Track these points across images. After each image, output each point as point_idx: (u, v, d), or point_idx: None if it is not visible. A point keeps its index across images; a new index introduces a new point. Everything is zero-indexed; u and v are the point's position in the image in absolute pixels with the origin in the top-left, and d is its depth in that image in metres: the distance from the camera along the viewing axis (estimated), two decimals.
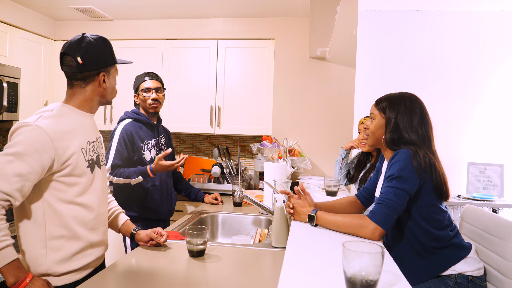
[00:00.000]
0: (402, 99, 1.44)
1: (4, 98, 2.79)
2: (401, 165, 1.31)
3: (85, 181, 1.29)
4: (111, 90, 1.40)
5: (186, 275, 1.32)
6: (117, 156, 2.05)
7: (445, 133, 2.91)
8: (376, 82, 2.96)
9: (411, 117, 1.40)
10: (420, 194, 1.34)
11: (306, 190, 1.56)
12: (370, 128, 1.49)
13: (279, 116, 3.28)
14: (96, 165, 1.36)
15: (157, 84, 2.21)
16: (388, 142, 1.42)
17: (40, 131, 1.16)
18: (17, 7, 3.09)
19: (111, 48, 1.37)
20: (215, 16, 3.29)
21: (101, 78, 1.33)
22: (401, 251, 1.41)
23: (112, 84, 1.39)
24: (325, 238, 1.27)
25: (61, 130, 1.22)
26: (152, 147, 2.20)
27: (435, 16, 2.93)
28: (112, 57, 1.37)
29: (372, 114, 1.49)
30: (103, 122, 3.37)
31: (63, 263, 1.25)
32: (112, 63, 1.37)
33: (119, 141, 2.08)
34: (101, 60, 1.32)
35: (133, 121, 2.16)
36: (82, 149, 1.28)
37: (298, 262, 1.04)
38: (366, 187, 1.65)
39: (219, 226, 2.27)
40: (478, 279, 1.35)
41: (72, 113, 1.30)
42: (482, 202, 2.60)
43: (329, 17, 2.18)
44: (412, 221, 1.37)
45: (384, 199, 1.29)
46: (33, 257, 1.23)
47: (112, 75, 1.38)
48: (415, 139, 1.38)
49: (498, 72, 2.88)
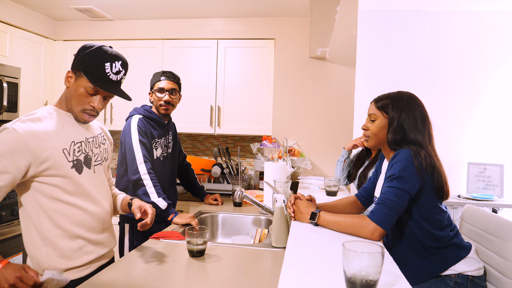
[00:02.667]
0: (403, 99, 1.43)
1: (4, 98, 2.79)
2: (402, 165, 1.30)
3: (71, 181, 1.29)
4: (71, 97, 1.30)
5: (186, 275, 1.32)
6: (143, 148, 1.99)
7: (445, 133, 2.91)
8: (376, 82, 2.96)
9: (414, 117, 1.40)
10: (421, 194, 1.34)
11: (313, 198, 1.57)
12: (371, 129, 1.46)
13: (279, 116, 3.28)
14: (85, 166, 1.35)
15: (172, 85, 2.13)
16: (391, 142, 1.41)
17: (14, 133, 1.18)
18: (17, 7, 3.09)
19: (91, 57, 1.27)
20: (215, 16, 3.29)
21: (67, 75, 1.31)
22: (401, 251, 1.41)
23: (73, 92, 1.29)
24: (325, 238, 1.27)
25: (37, 132, 1.22)
26: (160, 145, 2.16)
27: (435, 16, 2.93)
28: (83, 64, 1.27)
29: (372, 115, 1.46)
30: (103, 122, 3.37)
31: (64, 261, 1.28)
32: (79, 69, 1.28)
33: (139, 132, 2.02)
34: (75, 59, 1.31)
35: (143, 117, 2.11)
36: (63, 149, 1.28)
37: (298, 262, 1.04)
38: (365, 187, 1.65)
39: (219, 226, 2.27)
40: (478, 279, 1.35)
41: (57, 114, 1.32)
42: (482, 202, 2.60)
43: (329, 17, 2.18)
44: (413, 221, 1.37)
45: (384, 199, 1.29)
46: (36, 255, 1.26)
47: (78, 83, 1.28)
48: (419, 139, 1.38)
49: (498, 72, 2.88)
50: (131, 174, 1.98)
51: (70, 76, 1.31)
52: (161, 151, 2.18)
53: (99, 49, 1.30)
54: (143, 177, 1.95)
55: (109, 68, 1.29)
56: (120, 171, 2.11)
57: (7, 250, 2.45)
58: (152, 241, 1.65)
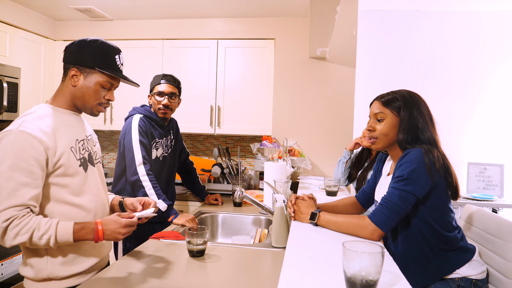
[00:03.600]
0: (411, 96, 1.38)
1: (4, 98, 2.79)
2: (411, 166, 1.25)
3: (78, 180, 1.27)
4: (83, 95, 1.28)
5: (186, 275, 1.32)
6: (143, 148, 1.97)
7: (445, 133, 2.88)
8: (376, 82, 2.96)
9: (425, 115, 1.36)
10: (432, 195, 1.29)
11: (314, 197, 1.56)
12: (379, 130, 1.37)
13: (279, 116, 3.28)
14: (89, 163, 1.33)
15: (172, 89, 2.12)
16: (402, 142, 1.34)
17: (25, 135, 1.13)
18: (17, 7, 3.09)
19: (100, 52, 1.27)
20: (215, 16, 3.29)
21: (70, 73, 1.26)
22: (408, 253, 1.36)
23: (86, 90, 1.27)
24: (325, 238, 1.27)
25: (46, 131, 1.18)
26: (160, 145, 2.15)
27: (435, 16, 2.93)
28: (95, 60, 1.26)
29: (380, 114, 1.37)
30: (103, 122, 3.37)
31: (65, 267, 1.24)
32: (90, 65, 1.26)
33: (140, 132, 1.99)
34: (78, 56, 1.26)
35: (144, 117, 2.09)
36: (71, 148, 1.25)
37: (298, 262, 1.04)
38: (364, 190, 1.64)
39: (219, 226, 2.27)
40: (481, 282, 1.33)
41: (55, 113, 1.26)
42: (482, 202, 2.60)
43: (329, 17, 2.18)
44: (423, 222, 1.32)
45: (387, 201, 1.26)
46: (35, 263, 1.22)
47: (90, 80, 1.27)
48: (432, 137, 1.34)
49: (498, 72, 2.88)
50: (129, 175, 1.96)
51: (75, 74, 1.26)
52: (162, 151, 2.17)
53: (103, 43, 1.30)
54: (142, 179, 1.93)
55: (119, 60, 1.32)
56: (118, 172, 2.09)
57: (7, 250, 2.45)
58: (152, 241, 1.65)
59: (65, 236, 1.15)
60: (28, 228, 1.10)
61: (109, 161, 3.77)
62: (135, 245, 1.71)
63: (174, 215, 1.95)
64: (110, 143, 3.79)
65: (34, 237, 1.11)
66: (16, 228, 1.08)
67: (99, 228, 1.19)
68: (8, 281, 2.46)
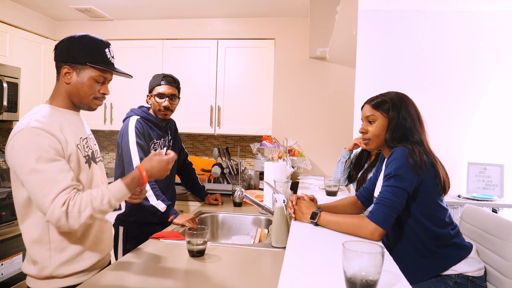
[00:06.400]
0: (399, 97, 1.45)
1: (4, 98, 2.79)
2: (397, 164, 1.31)
3: (84, 177, 1.29)
4: (78, 91, 1.28)
5: (186, 275, 1.32)
6: (140, 150, 1.96)
7: (445, 133, 2.91)
8: (376, 82, 2.96)
9: (412, 114, 1.41)
10: (420, 192, 1.34)
11: (315, 198, 1.57)
12: (373, 131, 1.45)
13: (279, 116, 3.28)
14: (92, 161, 1.36)
15: (172, 90, 2.10)
16: (389, 140, 1.41)
17: (38, 131, 1.15)
18: (17, 7, 3.09)
19: (90, 47, 1.26)
20: (215, 16, 3.29)
21: (63, 71, 1.25)
22: (402, 250, 1.41)
23: (80, 86, 1.27)
24: (325, 238, 1.27)
25: (55, 127, 1.20)
26: (159, 146, 2.15)
27: (435, 16, 2.92)
28: (85, 56, 1.25)
29: (371, 116, 1.45)
30: (103, 122, 3.37)
31: (68, 265, 1.25)
32: (82, 61, 1.25)
33: (137, 134, 1.99)
34: (69, 53, 1.25)
35: (141, 118, 2.09)
36: (77, 145, 1.27)
37: (298, 262, 1.04)
38: (366, 187, 1.65)
39: (219, 226, 2.27)
40: (478, 279, 1.35)
41: (56, 112, 1.27)
42: (482, 202, 2.60)
43: (329, 17, 2.18)
44: (413, 219, 1.37)
45: (382, 198, 1.29)
46: (38, 261, 1.22)
47: (83, 76, 1.26)
48: (418, 136, 1.40)
49: (498, 72, 2.88)
50: None
51: (68, 71, 1.25)
52: None
53: (92, 38, 1.29)
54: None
55: (109, 53, 1.31)
56: (117, 173, 2.10)
57: (7, 250, 2.45)
58: (152, 241, 1.65)
59: (120, 193, 1.20)
60: (86, 203, 1.14)
61: (109, 161, 3.77)
62: (135, 245, 1.71)
63: (174, 215, 1.95)
64: (110, 143, 3.79)
65: (95, 206, 1.15)
66: (75, 207, 1.13)
67: (144, 174, 1.24)
68: (8, 281, 2.46)
